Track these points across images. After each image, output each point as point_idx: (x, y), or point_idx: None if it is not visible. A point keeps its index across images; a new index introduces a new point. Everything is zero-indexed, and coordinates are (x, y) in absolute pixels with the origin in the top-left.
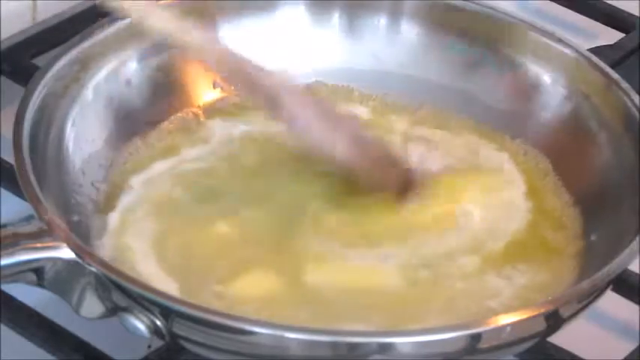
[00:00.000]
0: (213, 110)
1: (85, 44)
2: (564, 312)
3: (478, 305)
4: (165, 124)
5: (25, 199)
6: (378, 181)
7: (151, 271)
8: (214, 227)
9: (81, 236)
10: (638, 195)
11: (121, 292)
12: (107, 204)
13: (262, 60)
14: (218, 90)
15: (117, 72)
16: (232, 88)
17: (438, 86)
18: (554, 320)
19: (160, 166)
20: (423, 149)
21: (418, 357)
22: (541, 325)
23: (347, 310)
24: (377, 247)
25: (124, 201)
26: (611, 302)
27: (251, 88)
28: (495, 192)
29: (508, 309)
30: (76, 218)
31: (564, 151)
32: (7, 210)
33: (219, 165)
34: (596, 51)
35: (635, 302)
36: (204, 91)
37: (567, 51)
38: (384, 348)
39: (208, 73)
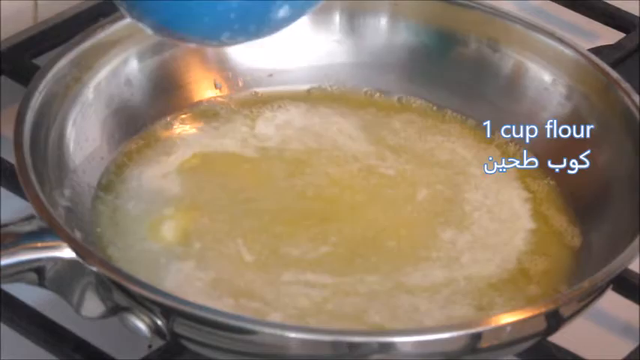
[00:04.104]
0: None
1: (85, 44)
2: (565, 311)
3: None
4: (165, 124)
5: (26, 199)
6: None
7: None
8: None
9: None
10: (638, 195)
11: (122, 292)
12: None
13: (263, 61)
14: (218, 90)
15: (117, 72)
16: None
17: (438, 85)
18: (555, 320)
19: (159, 166)
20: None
21: (418, 357)
22: (541, 325)
23: None
24: None
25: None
26: (611, 302)
27: None
28: (494, 193)
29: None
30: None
31: (564, 151)
32: (7, 210)
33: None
34: (596, 51)
35: (635, 302)
36: (205, 90)
37: (567, 51)
38: (385, 347)
39: (209, 73)
